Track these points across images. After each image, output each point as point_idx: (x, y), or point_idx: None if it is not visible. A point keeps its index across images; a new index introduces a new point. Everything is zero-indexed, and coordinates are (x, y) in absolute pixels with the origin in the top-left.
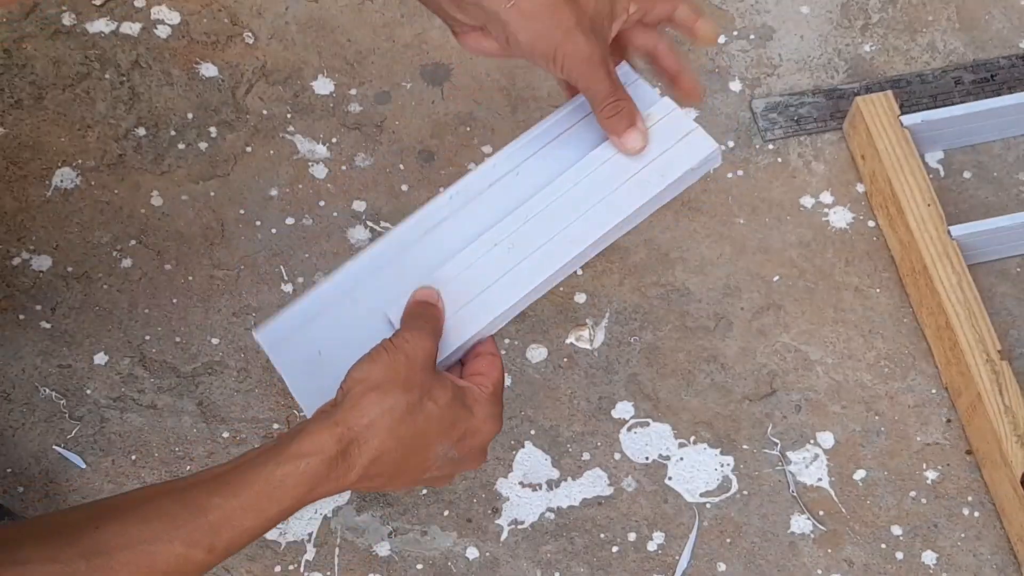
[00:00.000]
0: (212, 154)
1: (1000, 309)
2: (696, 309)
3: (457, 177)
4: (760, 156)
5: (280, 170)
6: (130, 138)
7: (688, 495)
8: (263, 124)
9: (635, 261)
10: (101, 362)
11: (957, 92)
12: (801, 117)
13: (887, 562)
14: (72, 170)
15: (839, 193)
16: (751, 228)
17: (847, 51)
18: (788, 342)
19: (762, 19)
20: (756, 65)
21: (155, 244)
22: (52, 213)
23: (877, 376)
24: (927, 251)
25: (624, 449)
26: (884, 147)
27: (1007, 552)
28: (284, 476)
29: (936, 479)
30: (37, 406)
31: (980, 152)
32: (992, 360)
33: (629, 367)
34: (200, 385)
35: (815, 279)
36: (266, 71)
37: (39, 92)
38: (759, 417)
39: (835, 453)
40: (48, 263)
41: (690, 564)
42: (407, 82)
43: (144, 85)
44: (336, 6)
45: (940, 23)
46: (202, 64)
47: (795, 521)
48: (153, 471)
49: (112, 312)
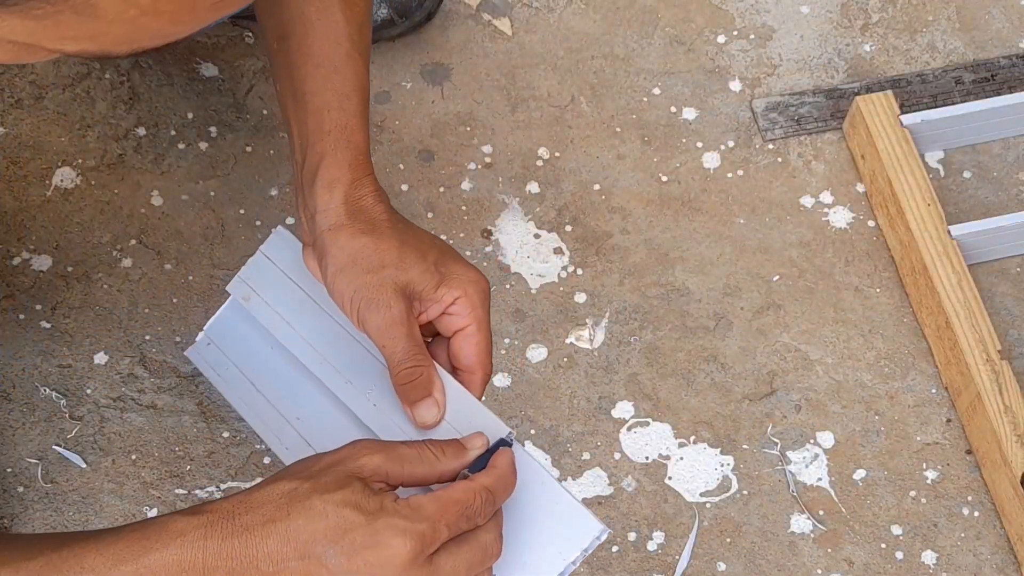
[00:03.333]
0: (212, 154)
1: (1000, 309)
2: (696, 309)
3: (456, 176)
4: (760, 156)
5: (280, 170)
6: (130, 138)
7: (688, 495)
8: (263, 124)
9: (635, 261)
10: (101, 362)
11: (957, 92)
12: (801, 117)
13: (887, 562)
14: (72, 170)
15: (839, 193)
16: (751, 228)
17: (847, 51)
18: (788, 342)
19: (762, 19)
20: (756, 65)
21: (155, 244)
22: (52, 213)
23: (877, 376)
24: (927, 251)
25: (624, 449)
26: (884, 147)
27: (1007, 552)
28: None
29: (936, 479)
30: (37, 406)
31: (980, 152)
32: (992, 360)
33: (629, 367)
34: (200, 385)
35: (815, 279)
36: (266, 71)
37: (39, 92)
38: (759, 417)
39: (835, 453)
40: (48, 263)
41: (690, 564)
42: (407, 82)
43: (144, 85)
44: None
45: (940, 23)
46: (202, 64)
47: (795, 521)
48: (153, 471)
49: (112, 312)
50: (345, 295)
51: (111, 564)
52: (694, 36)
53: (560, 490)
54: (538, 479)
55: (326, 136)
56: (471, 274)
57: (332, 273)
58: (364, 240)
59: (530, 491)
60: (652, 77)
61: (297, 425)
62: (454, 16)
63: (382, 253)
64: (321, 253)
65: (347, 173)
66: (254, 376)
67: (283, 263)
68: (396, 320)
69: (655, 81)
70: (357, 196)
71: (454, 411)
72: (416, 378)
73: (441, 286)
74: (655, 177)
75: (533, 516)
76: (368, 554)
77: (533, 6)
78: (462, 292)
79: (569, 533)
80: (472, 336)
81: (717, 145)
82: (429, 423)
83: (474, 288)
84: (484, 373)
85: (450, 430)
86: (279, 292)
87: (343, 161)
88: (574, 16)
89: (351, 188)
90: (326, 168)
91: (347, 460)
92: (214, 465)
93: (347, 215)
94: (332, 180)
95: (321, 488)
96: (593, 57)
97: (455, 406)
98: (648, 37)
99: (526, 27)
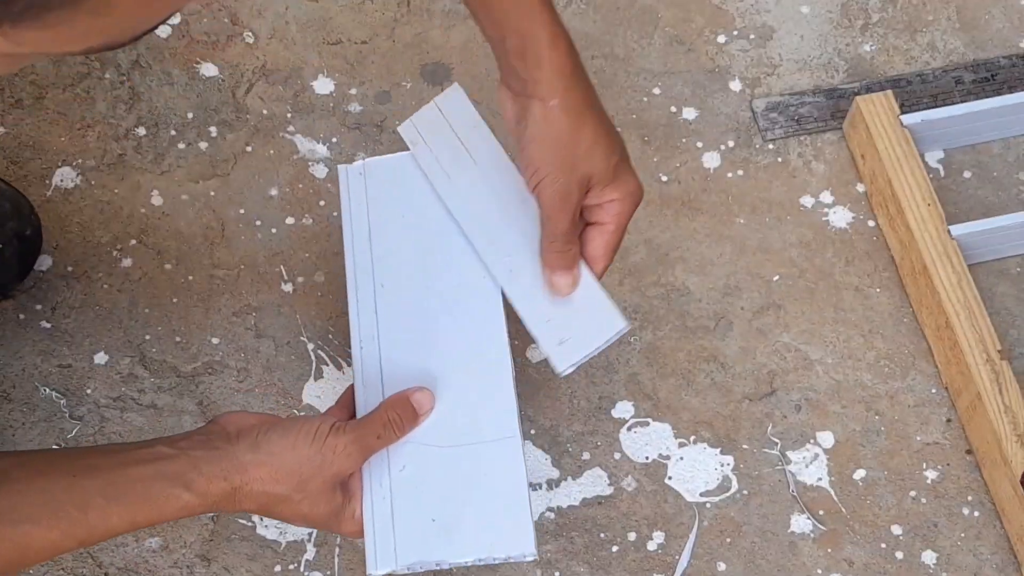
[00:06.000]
0: (212, 154)
1: (1000, 309)
2: (696, 309)
3: None
4: (760, 156)
5: (280, 170)
6: (130, 138)
7: (688, 495)
8: (263, 124)
9: (635, 261)
10: (101, 362)
11: (957, 92)
12: (801, 117)
13: (887, 562)
14: (72, 170)
15: (839, 193)
16: (751, 228)
17: (847, 51)
18: (788, 342)
19: (762, 19)
20: (756, 65)
21: (155, 244)
22: (52, 213)
23: (877, 376)
24: (927, 251)
25: (624, 449)
26: (884, 147)
27: (1007, 552)
28: (167, 499)
29: (936, 479)
30: (37, 406)
31: (980, 152)
32: (992, 360)
33: (629, 367)
34: (200, 385)
35: (815, 279)
36: (266, 71)
37: (39, 92)
38: (759, 417)
39: (835, 453)
40: (48, 263)
41: (690, 564)
42: (407, 82)
43: (144, 85)
44: (336, 6)
45: (940, 23)
46: (202, 64)
47: (795, 521)
48: None
49: (112, 312)
50: (534, 163)
51: None
52: (694, 36)
53: (598, 288)
54: (585, 276)
55: (541, 21)
56: (633, 185)
57: (529, 137)
58: (567, 122)
59: (581, 286)
60: (652, 77)
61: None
62: (454, 16)
63: (577, 141)
64: (523, 113)
65: (564, 49)
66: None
67: (453, 119)
68: (569, 201)
69: (655, 81)
70: (570, 69)
71: (581, 289)
72: (567, 251)
73: (609, 186)
74: (655, 177)
75: (576, 305)
76: None
77: None
78: (620, 196)
79: (600, 324)
80: (608, 234)
81: (717, 145)
82: (563, 293)
83: (631, 198)
84: (606, 264)
85: (570, 305)
86: (444, 145)
87: (560, 36)
88: (574, 16)
89: (566, 59)
90: (544, 40)
91: (326, 466)
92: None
93: (562, 90)
94: (552, 45)
95: (310, 503)
96: (593, 57)
97: (583, 286)
98: (648, 37)
99: None
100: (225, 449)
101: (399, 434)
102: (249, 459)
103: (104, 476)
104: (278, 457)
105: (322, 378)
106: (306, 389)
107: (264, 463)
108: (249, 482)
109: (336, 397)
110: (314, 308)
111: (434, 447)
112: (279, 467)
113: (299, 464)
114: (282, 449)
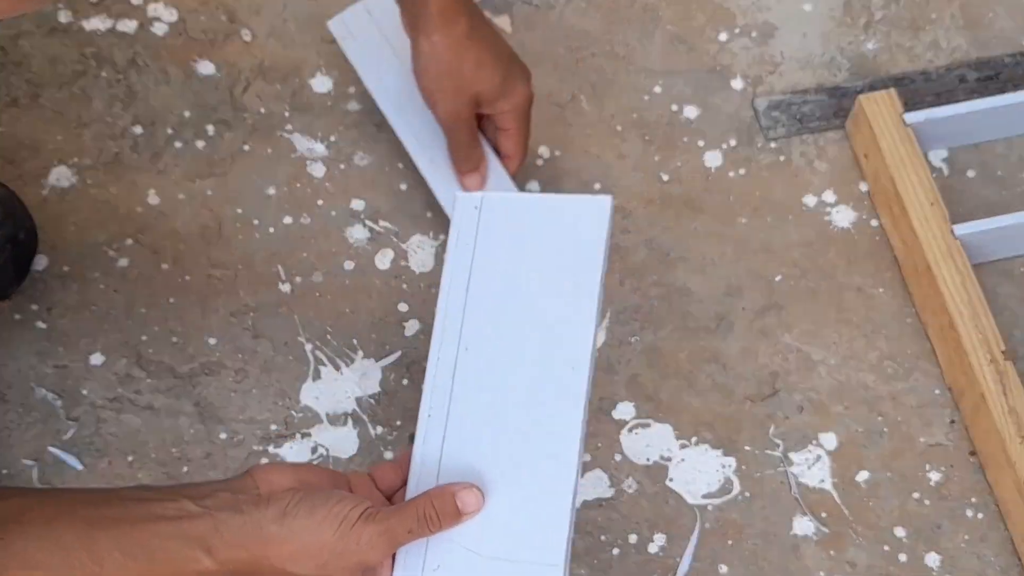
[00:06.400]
0: (209, 153)
1: (1004, 309)
2: (697, 309)
3: None
4: (762, 155)
5: (278, 169)
6: (127, 136)
7: (690, 496)
8: (261, 122)
9: (635, 261)
10: (97, 362)
11: (961, 90)
12: (804, 115)
13: (890, 564)
14: (68, 169)
15: (842, 192)
16: (753, 227)
17: (850, 49)
18: (790, 342)
19: (764, 17)
20: (758, 63)
21: (152, 243)
22: (48, 212)
23: (880, 377)
24: (930, 250)
25: (625, 450)
26: (887, 146)
27: (1011, 554)
28: (185, 561)
29: (939, 480)
30: (33, 407)
31: (984, 151)
32: (996, 360)
33: (630, 367)
34: (197, 386)
35: (817, 279)
36: (264, 69)
37: (35, 90)
38: (761, 418)
39: (838, 454)
40: (44, 262)
41: (691, 566)
42: None
43: (141, 83)
44: (335, 4)
45: (944, 21)
46: (199, 62)
47: (797, 523)
48: (150, 472)
49: (109, 312)
50: (426, 90)
51: None
52: (695, 34)
53: (509, 181)
54: (498, 171)
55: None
56: (519, 95)
57: (420, 69)
58: (449, 55)
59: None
60: (653, 75)
61: None
62: None
63: (460, 69)
64: (415, 47)
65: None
66: None
67: (382, 22)
68: (460, 118)
69: (656, 79)
70: (451, 6)
71: (493, 182)
72: (469, 157)
73: (500, 99)
74: (656, 176)
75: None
76: None
77: (533, 4)
78: (510, 107)
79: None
80: (513, 135)
81: (719, 144)
82: (472, 188)
83: (521, 106)
84: (519, 160)
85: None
86: (372, 44)
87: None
88: (574, 14)
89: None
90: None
91: (348, 555)
92: (211, 466)
93: (442, 25)
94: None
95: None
96: (594, 55)
97: (494, 178)
98: (649, 35)
99: (526, 25)
100: (251, 514)
101: (433, 531)
102: (273, 532)
103: (123, 529)
104: (301, 536)
105: (320, 379)
106: (304, 390)
107: (287, 540)
108: (269, 557)
109: (335, 399)
110: (312, 308)
111: (473, 553)
112: (301, 548)
113: (321, 548)
114: (307, 528)
